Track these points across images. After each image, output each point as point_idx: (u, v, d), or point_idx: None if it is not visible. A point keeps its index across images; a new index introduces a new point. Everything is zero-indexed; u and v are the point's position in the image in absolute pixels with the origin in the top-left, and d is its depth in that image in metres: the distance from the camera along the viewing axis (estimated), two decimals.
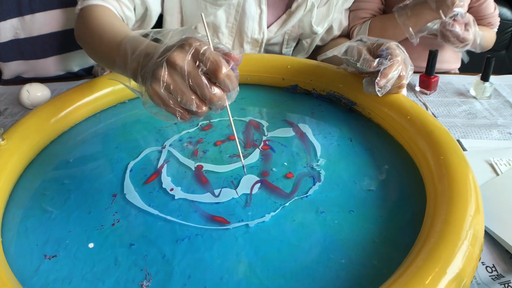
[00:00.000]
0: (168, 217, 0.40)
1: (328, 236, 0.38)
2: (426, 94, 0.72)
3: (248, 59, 0.64)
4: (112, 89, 0.60)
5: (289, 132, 0.53)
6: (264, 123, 0.55)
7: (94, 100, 0.59)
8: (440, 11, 0.70)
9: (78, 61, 0.84)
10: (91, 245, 0.38)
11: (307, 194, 0.42)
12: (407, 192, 0.43)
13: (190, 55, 0.35)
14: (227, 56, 0.36)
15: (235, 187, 0.43)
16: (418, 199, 0.42)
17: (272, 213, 0.40)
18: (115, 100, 0.61)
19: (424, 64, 0.71)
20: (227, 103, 0.38)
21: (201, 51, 0.35)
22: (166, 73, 0.35)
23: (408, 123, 0.49)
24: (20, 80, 0.83)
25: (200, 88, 0.35)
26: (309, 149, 0.49)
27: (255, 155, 0.49)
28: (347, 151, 0.49)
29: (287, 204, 0.41)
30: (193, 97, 0.35)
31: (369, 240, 0.38)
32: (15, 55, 0.81)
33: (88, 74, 0.86)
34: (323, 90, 0.60)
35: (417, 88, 0.73)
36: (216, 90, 0.35)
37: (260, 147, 0.50)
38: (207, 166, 0.47)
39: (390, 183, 0.45)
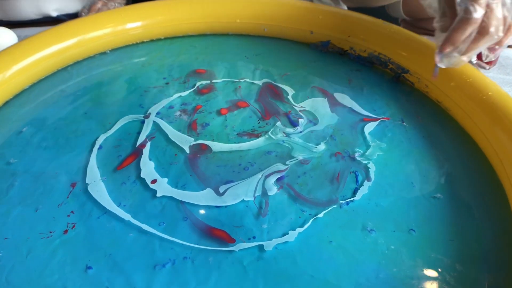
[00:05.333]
0: (145, 227, 0.27)
1: (382, 270, 0.25)
2: (484, 68, 0.57)
3: (267, 4, 0.49)
4: (92, 34, 0.46)
5: (323, 105, 0.39)
6: (288, 90, 0.41)
7: (65, 49, 0.45)
8: None
9: (57, 4, 0.69)
10: (31, 263, 0.26)
11: (352, 199, 0.29)
12: (488, 202, 0.30)
13: None
14: None
15: (253, 188, 0.30)
16: (504, 213, 0.29)
17: (299, 229, 0.27)
18: (93, 49, 0.47)
19: None
20: None
21: None
22: None
23: (483, 104, 0.35)
24: None
25: None
26: (354, 131, 0.36)
27: (276, 134, 0.35)
28: (399, 137, 0.36)
29: (320, 215, 0.28)
30: None
31: (440, 280, 0.25)
32: None
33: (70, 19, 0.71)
34: (364, 50, 0.45)
35: (474, 60, 0.58)
36: None
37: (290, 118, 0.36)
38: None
39: (461, 187, 0.32)
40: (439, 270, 0.26)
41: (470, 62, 0.58)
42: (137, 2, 0.57)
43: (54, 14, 0.69)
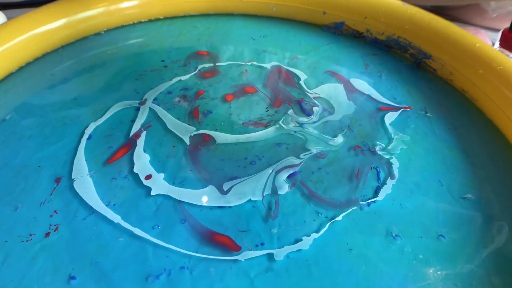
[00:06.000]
0: (136, 230, 0.24)
1: (410, 281, 0.22)
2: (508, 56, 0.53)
3: None
4: (87, 14, 0.42)
5: (339, 91, 0.35)
6: (301, 74, 0.37)
7: (56, 29, 0.41)
8: None
9: None
10: (8, 271, 0.22)
11: (374, 200, 0.26)
12: None
13: None
14: None
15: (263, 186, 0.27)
16: None
17: (314, 235, 0.24)
18: (87, 29, 0.43)
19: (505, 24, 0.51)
20: None
21: None
22: None
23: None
24: None
25: None
26: (373, 122, 0.32)
27: (287, 123, 0.32)
28: (424, 129, 0.32)
29: (339, 218, 0.25)
30: None
31: None
32: None
33: None
34: (381, 33, 0.41)
35: (497, 47, 0.54)
36: None
37: (304, 107, 0.33)
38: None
39: (493, 186, 0.28)
40: (473, 283, 0.23)
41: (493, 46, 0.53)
42: None
43: None
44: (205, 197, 0.25)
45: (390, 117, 0.33)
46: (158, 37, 0.42)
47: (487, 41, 0.43)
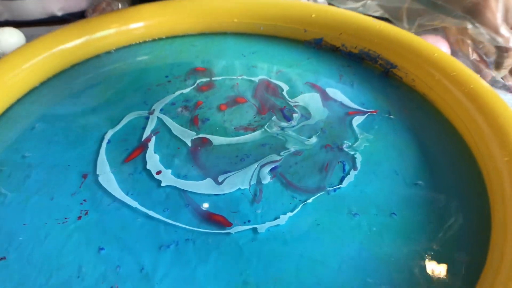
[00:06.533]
0: (151, 213, 0.30)
1: (365, 250, 0.28)
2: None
3: (263, 4, 0.51)
4: (94, 36, 0.48)
5: (315, 100, 0.42)
6: (283, 86, 0.43)
7: (73, 49, 0.47)
8: None
9: (62, 4, 0.72)
10: (49, 245, 0.29)
11: (339, 186, 0.32)
12: (465, 190, 0.33)
13: None
14: None
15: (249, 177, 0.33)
16: (482, 199, 0.32)
17: (290, 213, 0.30)
18: (99, 48, 0.50)
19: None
20: None
21: None
22: None
23: (466, 97, 0.37)
24: None
25: None
26: (343, 124, 0.39)
27: (271, 127, 0.38)
28: (386, 129, 0.38)
29: (309, 201, 0.31)
30: None
31: (417, 258, 0.28)
32: None
33: (76, 19, 0.74)
34: (354, 46, 0.48)
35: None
36: None
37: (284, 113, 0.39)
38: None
39: (442, 175, 0.34)
40: (417, 249, 0.29)
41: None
42: (139, 2, 0.60)
43: (59, 13, 0.72)
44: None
45: (357, 120, 0.39)
46: (162, 55, 0.49)
47: (444, 49, 0.49)
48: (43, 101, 0.43)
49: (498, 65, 0.32)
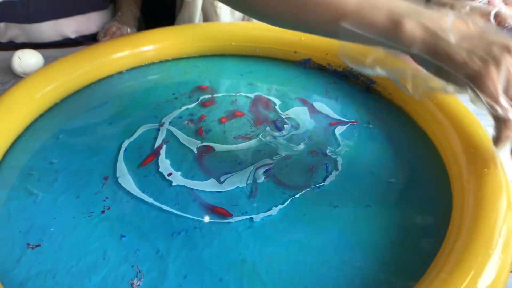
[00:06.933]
0: (164, 207, 0.36)
1: (343, 234, 0.34)
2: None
3: (258, 29, 0.58)
4: (108, 58, 0.55)
5: (305, 112, 0.48)
6: (276, 101, 0.49)
7: (89, 70, 0.54)
8: None
9: (76, 27, 0.78)
10: (77, 234, 0.34)
11: (322, 184, 0.38)
12: (431, 186, 0.39)
13: None
14: None
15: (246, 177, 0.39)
16: (444, 194, 0.37)
17: (280, 206, 0.36)
18: (111, 70, 0.56)
19: None
20: None
21: None
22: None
23: (434, 108, 0.43)
24: (13, 46, 0.78)
25: None
26: (327, 133, 0.45)
27: (265, 137, 0.44)
28: (365, 136, 0.44)
29: (297, 196, 0.37)
30: None
31: (387, 242, 0.33)
32: (8, 17, 0.76)
33: (87, 41, 0.80)
34: (339, 65, 0.54)
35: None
36: None
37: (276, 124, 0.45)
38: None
39: (412, 174, 0.40)
40: (388, 233, 0.34)
41: None
42: (147, 27, 0.66)
43: (72, 36, 0.78)
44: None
45: (340, 129, 0.45)
46: (168, 75, 0.55)
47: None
48: (64, 115, 0.49)
49: (497, 140, 0.31)
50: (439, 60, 0.31)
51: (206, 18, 0.69)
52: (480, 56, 0.30)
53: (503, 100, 0.30)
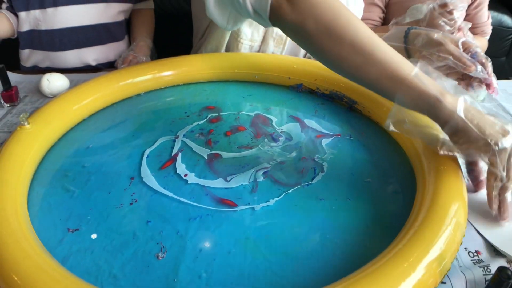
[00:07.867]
0: (182, 199, 0.44)
1: (327, 220, 0.42)
2: None
3: (257, 58, 0.68)
4: (130, 81, 0.64)
5: (297, 128, 0.57)
6: (273, 118, 0.59)
7: (112, 92, 0.63)
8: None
9: (96, 56, 0.88)
10: (111, 221, 0.42)
11: (311, 182, 0.46)
12: (400, 182, 0.47)
13: None
14: None
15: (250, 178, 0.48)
16: (409, 188, 0.46)
17: (276, 199, 0.44)
18: (131, 92, 0.65)
19: None
20: None
21: None
22: None
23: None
24: (38, 70, 0.87)
25: None
26: (315, 144, 0.53)
27: (264, 146, 0.53)
28: (347, 147, 0.53)
29: (290, 191, 0.45)
30: None
31: (362, 225, 0.42)
32: (34, 45, 0.85)
33: (106, 67, 0.89)
34: (326, 89, 0.64)
35: None
36: None
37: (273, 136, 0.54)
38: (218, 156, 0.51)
39: (385, 175, 0.49)
40: (363, 219, 0.42)
41: None
42: (158, 57, 0.76)
43: (93, 63, 0.88)
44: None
45: (325, 141, 0.54)
46: (181, 97, 0.65)
47: None
48: (91, 129, 0.58)
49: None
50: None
51: (228, 49, 0.76)
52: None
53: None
